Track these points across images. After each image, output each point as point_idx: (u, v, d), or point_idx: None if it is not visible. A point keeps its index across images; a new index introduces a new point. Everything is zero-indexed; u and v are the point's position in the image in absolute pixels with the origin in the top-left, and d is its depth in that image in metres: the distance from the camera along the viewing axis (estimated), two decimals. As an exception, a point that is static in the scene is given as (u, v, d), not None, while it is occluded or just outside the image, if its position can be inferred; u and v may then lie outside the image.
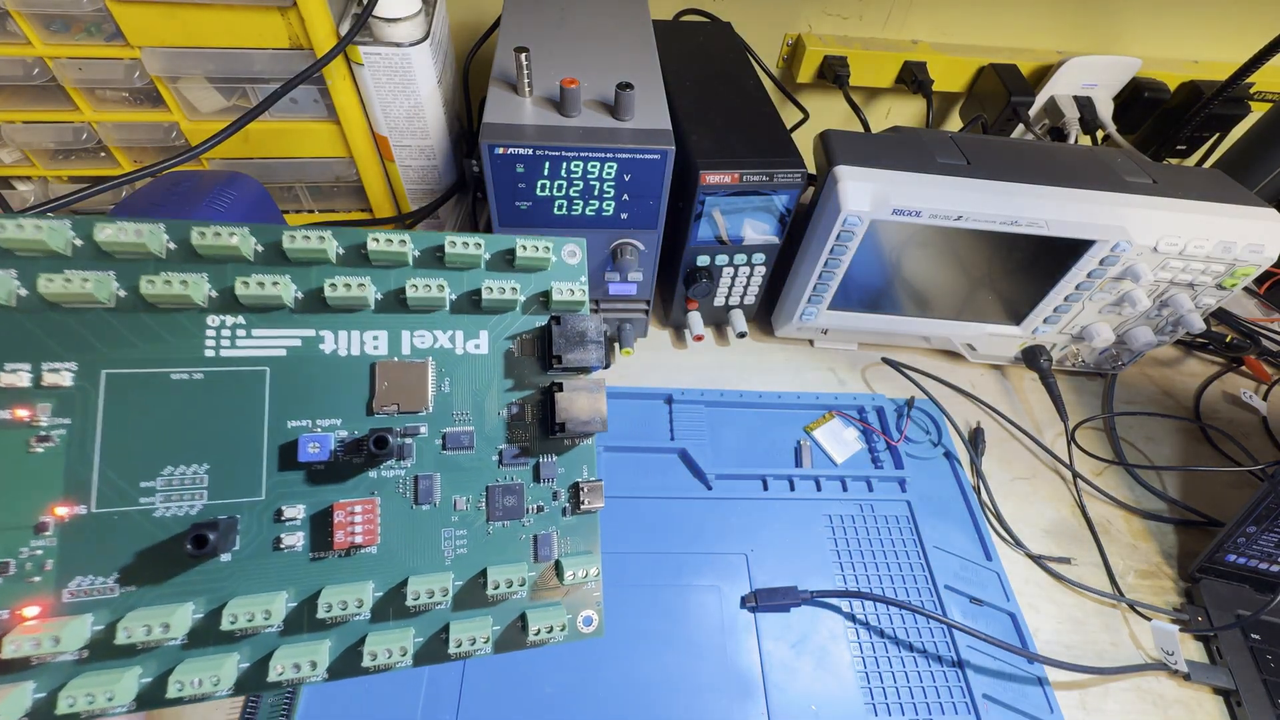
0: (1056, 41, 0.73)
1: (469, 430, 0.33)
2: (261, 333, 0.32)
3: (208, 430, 0.30)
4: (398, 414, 0.32)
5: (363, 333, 0.33)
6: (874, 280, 0.51)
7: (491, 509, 0.33)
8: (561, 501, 0.34)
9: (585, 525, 0.34)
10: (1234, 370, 0.62)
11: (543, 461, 0.34)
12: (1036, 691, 0.40)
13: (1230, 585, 0.46)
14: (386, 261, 0.33)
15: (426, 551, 0.32)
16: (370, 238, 0.32)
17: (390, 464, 0.32)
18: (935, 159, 0.47)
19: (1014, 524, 0.49)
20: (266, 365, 0.31)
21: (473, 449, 0.33)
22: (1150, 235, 0.45)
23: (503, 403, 0.34)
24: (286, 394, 0.31)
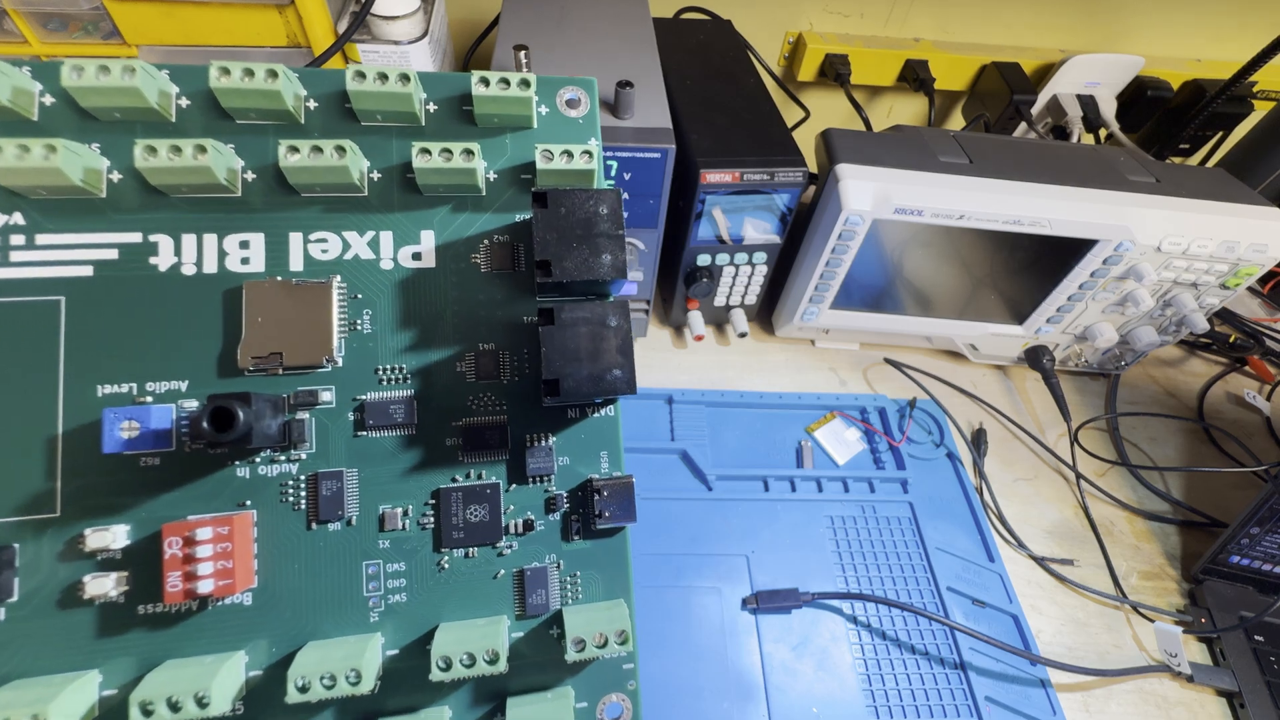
0: (1059, 40, 0.73)
1: (404, 396, 0.22)
2: (53, 239, 0.21)
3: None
4: (281, 371, 0.22)
5: (223, 236, 0.22)
6: (876, 280, 0.51)
7: (445, 528, 0.22)
8: (561, 513, 0.24)
9: (606, 553, 0.24)
10: (1237, 370, 0.62)
11: (531, 447, 0.24)
12: (1039, 693, 0.40)
13: (1234, 586, 0.46)
14: (259, 114, 0.22)
15: (336, 600, 0.22)
16: (216, 68, 0.21)
17: (267, 455, 0.22)
18: (937, 158, 0.47)
19: (1016, 525, 0.49)
20: (60, 293, 0.21)
21: (411, 427, 0.23)
22: (1153, 235, 0.45)
23: (462, 350, 0.23)
24: (93, 340, 0.21)
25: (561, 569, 0.24)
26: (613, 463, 0.24)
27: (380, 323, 0.23)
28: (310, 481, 0.22)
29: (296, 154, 0.21)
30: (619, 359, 0.21)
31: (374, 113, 0.23)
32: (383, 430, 0.23)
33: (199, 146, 0.21)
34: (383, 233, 0.23)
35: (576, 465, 0.24)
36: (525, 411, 0.24)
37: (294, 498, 0.22)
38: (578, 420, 0.24)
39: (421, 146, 0.22)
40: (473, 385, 0.24)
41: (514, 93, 0.23)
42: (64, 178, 0.20)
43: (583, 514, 0.24)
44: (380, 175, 0.24)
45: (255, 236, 0.22)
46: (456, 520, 0.23)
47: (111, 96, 0.22)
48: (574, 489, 0.24)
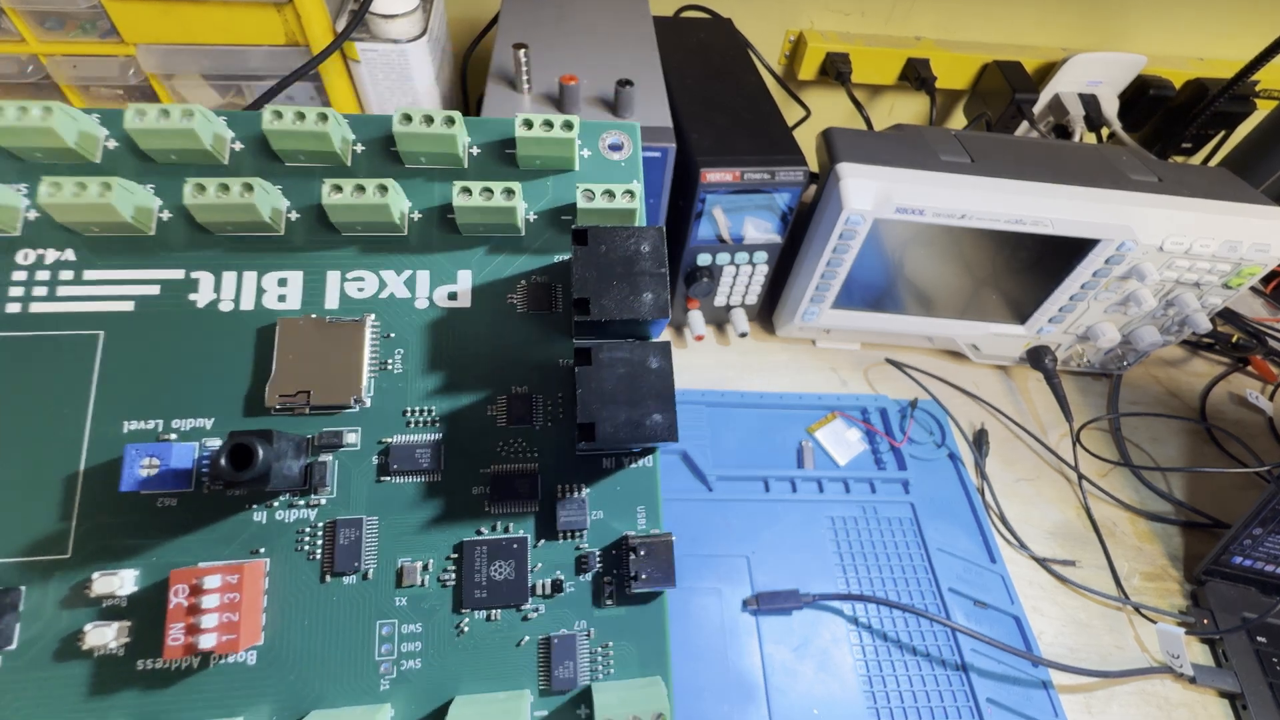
0: (1061, 38, 0.73)
1: (431, 440, 0.22)
2: (100, 275, 0.21)
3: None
4: (307, 411, 0.21)
5: (262, 274, 0.22)
6: (877, 279, 0.51)
7: (467, 586, 0.21)
8: (593, 574, 0.22)
9: (641, 622, 0.22)
10: (1240, 370, 0.62)
11: (563, 499, 0.22)
12: (1040, 695, 0.40)
13: (1236, 587, 0.46)
14: (308, 156, 0.23)
15: (345, 663, 0.20)
16: (269, 111, 0.22)
17: (286, 500, 0.21)
18: (939, 157, 0.47)
19: (1018, 526, 0.49)
20: (100, 328, 0.21)
21: (437, 474, 0.22)
22: (1156, 234, 0.45)
23: (493, 393, 0.23)
24: (126, 375, 0.21)
25: (592, 638, 0.22)
26: (650, 519, 0.23)
27: (411, 363, 0.23)
28: (328, 530, 0.21)
29: (339, 193, 0.22)
30: (660, 404, 0.20)
31: (418, 155, 0.23)
32: (407, 476, 0.22)
33: (246, 185, 0.21)
34: (420, 272, 0.23)
35: (611, 520, 0.23)
36: (558, 460, 0.23)
37: (310, 546, 0.21)
38: (613, 471, 0.23)
39: (462, 186, 0.22)
40: (503, 430, 0.23)
41: (557, 134, 0.23)
42: (116, 214, 0.21)
43: (617, 575, 0.22)
44: (421, 216, 0.24)
45: (294, 274, 0.22)
46: (480, 577, 0.21)
47: (169, 139, 0.23)
48: (607, 547, 0.22)
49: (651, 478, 0.23)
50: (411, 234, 0.24)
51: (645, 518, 0.23)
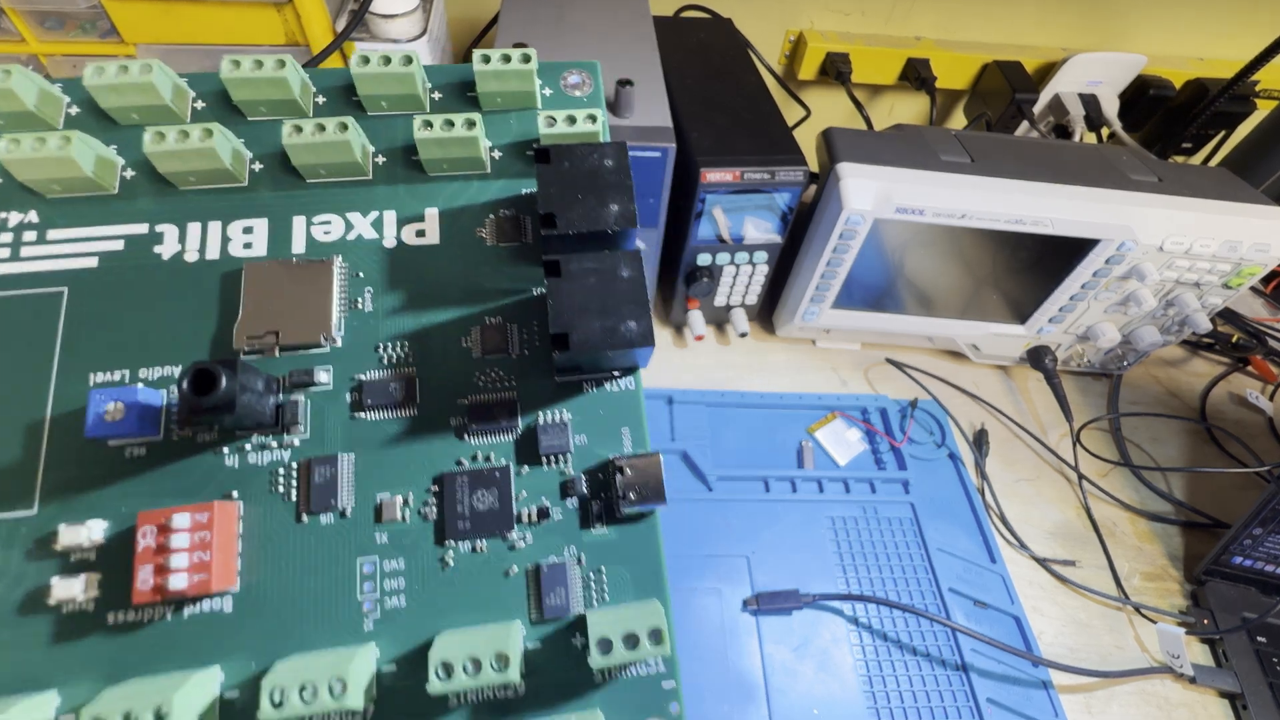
0: (1061, 38, 0.73)
1: (406, 374, 0.21)
2: (64, 234, 0.21)
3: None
4: (278, 353, 0.21)
5: (227, 222, 0.22)
6: (877, 279, 0.51)
7: (450, 518, 0.20)
8: (579, 497, 0.22)
9: (633, 543, 0.22)
10: (1240, 370, 0.62)
11: (543, 424, 0.22)
12: (1041, 695, 0.40)
13: (1236, 588, 0.46)
14: (269, 107, 0.23)
15: (327, 605, 0.20)
16: (228, 61, 0.22)
17: (259, 442, 0.21)
18: (939, 157, 0.47)
19: (1018, 526, 0.49)
20: (64, 284, 0.21)
21: (412, 407, 0.21)
22: (1156, 234, 0.45)
23: (467, 325, 0.22)
24: (91, 329, 0.21)
25: (584, 564, 0.21)
26: (636, 440, 0.22)
27: (382, 300, 0.22)
28: (302, 469, 0.20)
29: (300, 133, 0.22)
30: (634, 309, 0.20)
31: (379, 99, 0.23)
32: (382, 410, 0.21)
33: (205, 130, 0.21)
34: (386, 211, 0.23)
35: (595, 446, 0.22)
36: (537, 388, 0.22)
37: (285, 487, 0.21)
38: (595, 395, 0.22)
39: (424, 119, 0.22)
40: (479, 361, 0.22)
41: (515, 67, 0.23)
42: (77, 169, 0.21)
43: (605, 499, 0.22)
44: (385, 159, 0.24)
45: (259, 222, 0.22)
46: (462, 508, 0.20)
47: (128, 94, 0.23)
48: (593, 470, 0.22)
49: (635, 400, 0.23)
50: (376, 176, 0.24)
51: (630, 440, 0.22)
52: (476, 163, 0.24)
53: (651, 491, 0.21)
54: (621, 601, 0.21)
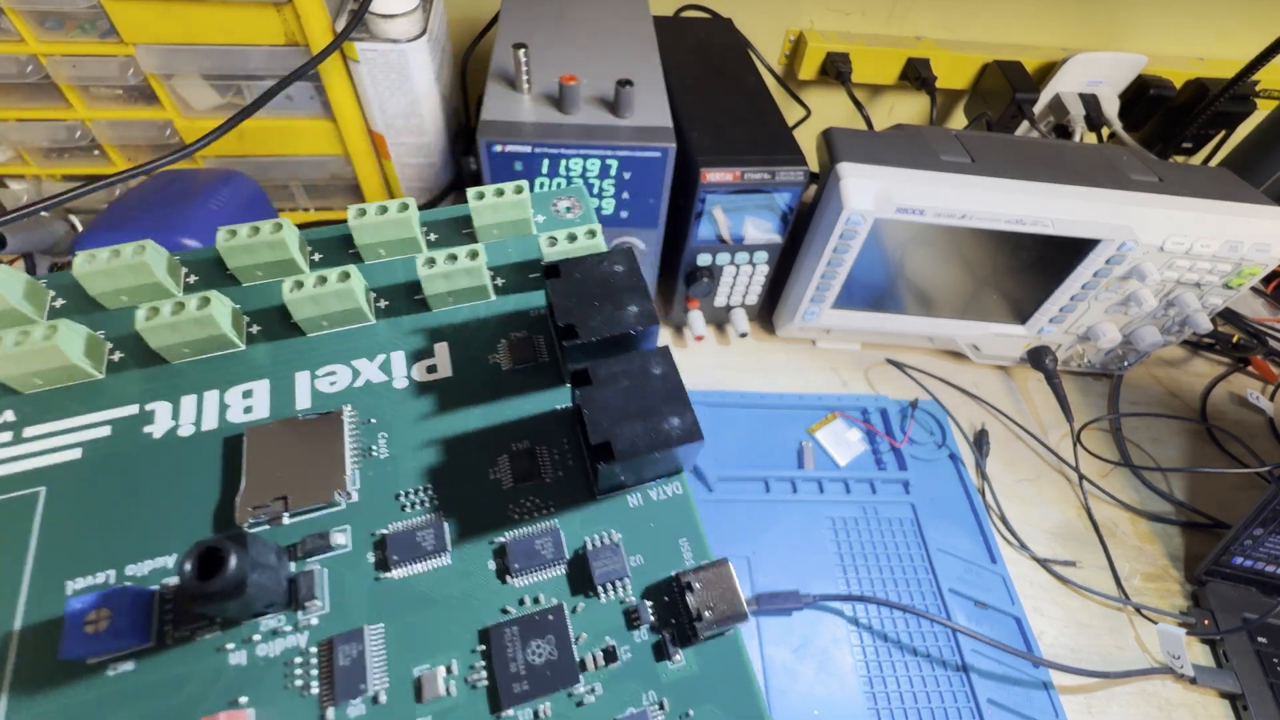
0: (1061, 38, 0.73)
1: (432, 520, 0.20)
2: (43, 429, 0.20)
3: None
4: (286, 520, 0.19)
5: (224, 390, 0.21)
6: (877, 279, 0.51)
7: (503, 680, 0.18)
8: (645, 626, 0.19)
9: (718, 670, 0.19)
10: (1240, 370, 0.62)
11: (593, 549, 0.20)
12: (1041, 696, 0.40)
13: (1237, 588, 0.46)
14: (266, 270, 0.23)
15: None
16: (224, 231, 0.22)
17: (269, 629, 0.18)
18: (939, 157, 0.47)
19: (1019, 526, 0.49)
20: (40, 484, 0.19)
21: (444, 555, 0.20)
22: (1156, 234, 0.45)
23: (492, 455, 0.21)
24: (72, 529, 0.18)
25: (668, 709, 0.18)
26: (697, 551, 0.20)
27: (398, 444, 0.21)
28: (323, 651, 0.18)
29: (300, 289, 0.21)
30: (674, 407, 0.19)
31: (376, 247, 0.23)
32: (410, 565, 0.19)
33: (202, 299, 0.20)
34: (393, 353, 0.23)
35: (653, 564, 0.20)
36: (578, 512, 0.21)
37: (303, 679, 0.18)
38: (642, 508, 0.21)
39: (426, 257, 0.22)
40: (511, 492, 0.21)
41: (510, 199, 0.24)
42: (63, 357, 0.20)
43: (676, 624, 0.19)
44: (386, 300, 0.23)
45: (259, 384, 0.21)
46: (516, 666, 0.18)
47: (120, 277, 0.22)
48: (657, 592, 0.20)
49: (686, 505, 0.21)
50: (380, 320, 0.23)
51: (690, 551, 0.20)
52: (481, 291, 0.23)
53: (728, 606, 0.19)
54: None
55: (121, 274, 0.22)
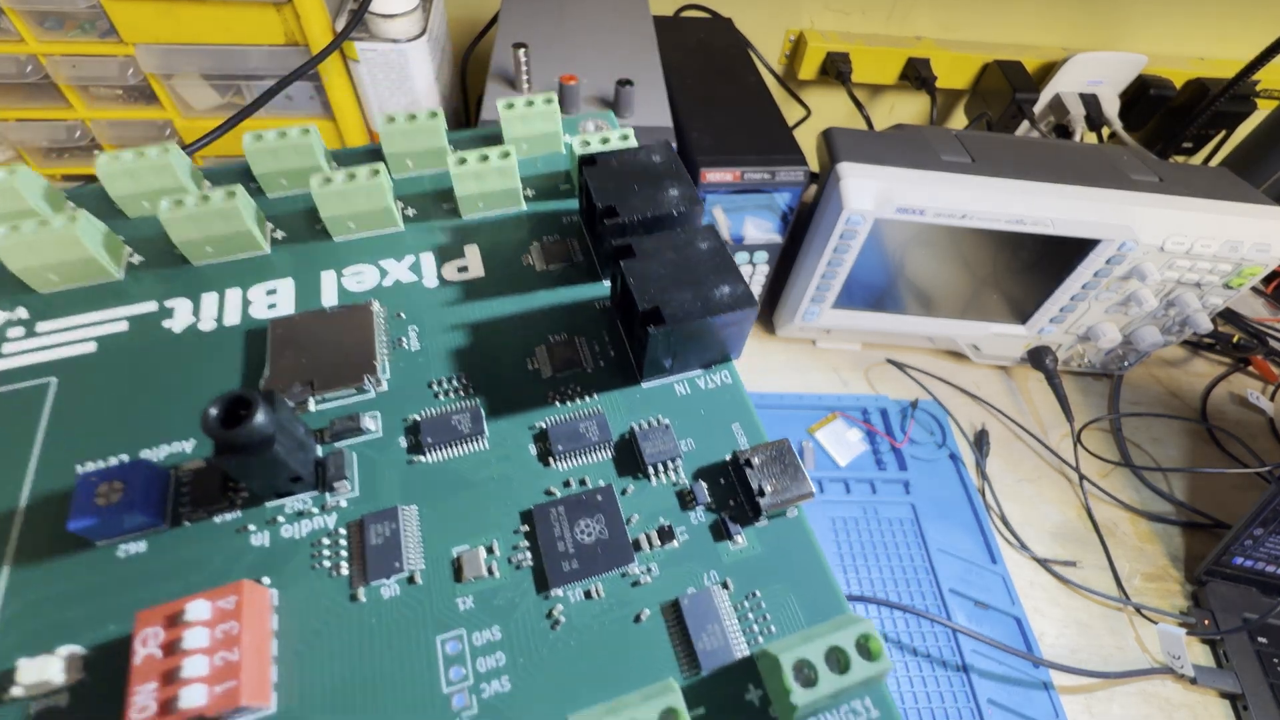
0: (1061, 38, 0.73)
1: (466, 406, 0.19)
2: (55, 324, 0.20)
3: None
4: (313, 406, 0.19)
5: (247, 288, 0.21)
6: (877, 279, 0.51)
7: (551, 559, 0.17)
8: (702, 507, 0.19)
9: (786, 550, 0.18)
10: (1240, 370, 0.62)
11: (642, 429, 0.20)
12: (1042, 696, 0.40)
13: (1237, 588, 0.46)
14: (290, 179, 0.23)
15: (400, 709, 0.15)
16: (249, 135, 0.22)
17: (294, 510, 0.18)
18: (939, 157, 0.47)
19: (1019, 527, 0.49)
20: (52, 375, 0.19)
21: (482, 439, 0.19)
22: (1157, 234, 0.45)
23: (529, 346, 0.21)
24: (85, 416, 0.18)
25: (732, 590, 0.18)
26: (751, 434, 0.20)
27: (430, 337, 0.21)
28: (354, 532, 0.17)
29: (329, 183, 0.21)
30: (724, 277, 0.18)
31: (404, 157, 0.23)
32: (446, 448, 0.19)
33: (228, 191, 0.21)
34: (423, 254, 0.23)
35: (705, 448, 0.20)
36: (622, 399, 0.20)
37: (332, 559, 0.17)
38: (690, 396, 0.20)
39: (459, 156, 0.22)
40: (551, 381, 0.20)
41: (539, 108, 0.24)
42: (82, 248, 0.19)
43: (736, 504, 0.19)
44: (416, 210, 0.24)
45: (284, 282, 0.21)
46: (564, 545, 0.17)
47: (143, 179, 0.22)
48: (711, 474, 0.19)
49: (738, 393, 0.20)
50: (409, 227, 0.24)
51: (745, 435, 0.20)
52: (512, 196, 0.23)
53: (791, 479, 0.18)
54: (791, 629, 0.17)
55: (145, 175, 0.22)
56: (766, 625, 0.18)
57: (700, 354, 0.21)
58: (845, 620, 0.15)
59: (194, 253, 0.22)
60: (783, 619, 0.18)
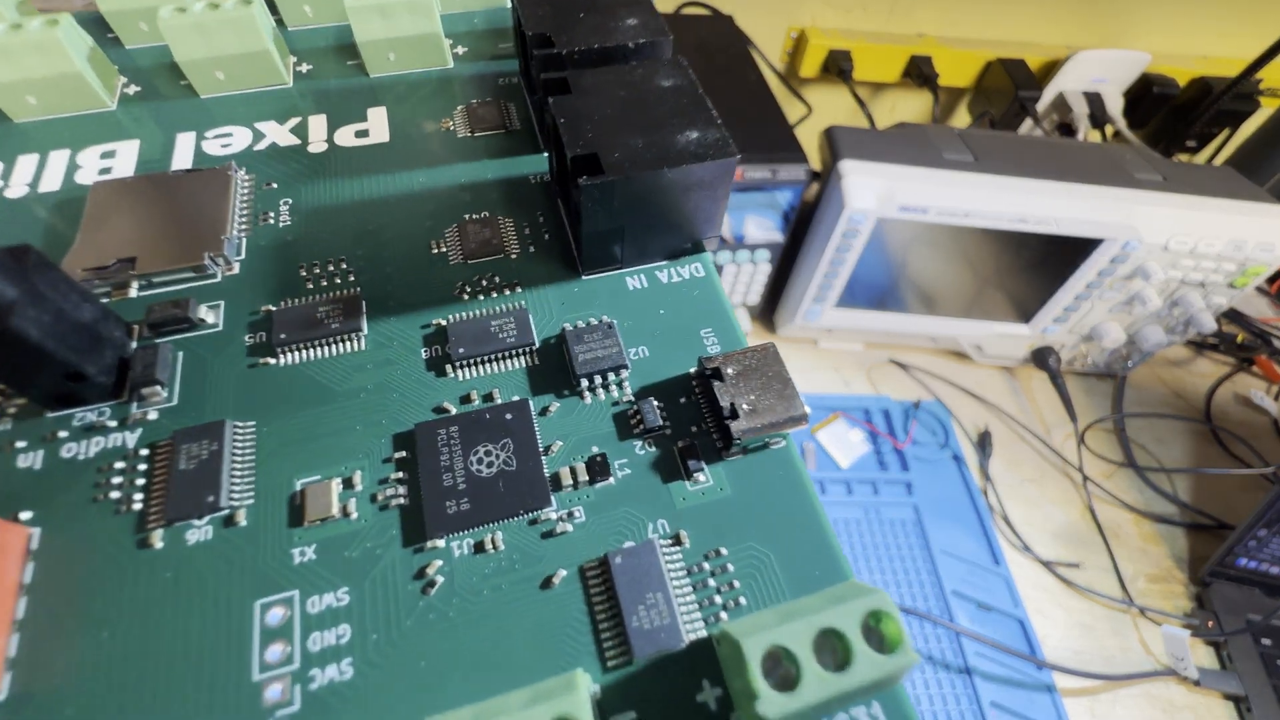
0: (1064, 35, 0.73)
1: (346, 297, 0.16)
2: None
3: None
4: (134, 290, 0.16)
5: (77, 150, 0.18)
6: (880, 278, 0.51)
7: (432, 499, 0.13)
8: (649, 435, 0.15)
9: (769, 494, 0.14)
10: (1245, 371, 0.62)
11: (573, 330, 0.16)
12: (1045, 698, 0.40)
13: (1241, 590, 0.46)
14: (136, 12, 0.20)
15: (185, 700, 0.11)
16: None
17: (81, 424, 0.14)
18: (942, 155, 0.47)
19: (1022, 528, 0.49)
20: None
21: (355, 337, 0.16)
22: (1161, 233, 0.45)
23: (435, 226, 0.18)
24: None
25: (686, 546, 0.13)
26: (726, 342, 0.15)
27: (306, 212, 0.17)
28: (159, 457, 0.13)
29: (184, 13, 0.16)
30: (693, 120, 0.14)
31: (302, 3, 0.19)
32: (305, 348, 0.14)
33: (50, 19, 0.16)
34: (313, 116, 0.18)
35: (662, 358, 0.15)
36: (555, 297, 0.16)
37: (123, 491, 0.13)
38: (648, 289, 0.16)
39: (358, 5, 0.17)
40: (461, 268, 0.16)
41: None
42: None
43: (699, 431, 0.14)
44: (311, 65, 0.19)
45: (126, 144, 0.17)
46: (452, 478, 0.13)
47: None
48: (667, 390, 0.15)
49: (710, 289, 0.16)
50: (299, 84, 0.19)
51: (717, 340, 0.15)
52: (433, 50, 0.18)
53: (778, 398, 0.13)
54: (774, 604, 0.12)
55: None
56: (733, 596, 0.13)
57: (661, 235, 0.16)
58: (848, 590, 0.11)
59: (14, 108, 0.18)
60: (757, 588, 0.13)
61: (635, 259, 0.17)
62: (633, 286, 0.17)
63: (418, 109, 0.20)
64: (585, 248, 0.16)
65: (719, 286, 0.17)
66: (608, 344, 0.15)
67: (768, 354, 0.14)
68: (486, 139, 0.20)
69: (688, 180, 0.15)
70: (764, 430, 0.14)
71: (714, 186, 0.16)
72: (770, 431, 0.14)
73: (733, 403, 0.14)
